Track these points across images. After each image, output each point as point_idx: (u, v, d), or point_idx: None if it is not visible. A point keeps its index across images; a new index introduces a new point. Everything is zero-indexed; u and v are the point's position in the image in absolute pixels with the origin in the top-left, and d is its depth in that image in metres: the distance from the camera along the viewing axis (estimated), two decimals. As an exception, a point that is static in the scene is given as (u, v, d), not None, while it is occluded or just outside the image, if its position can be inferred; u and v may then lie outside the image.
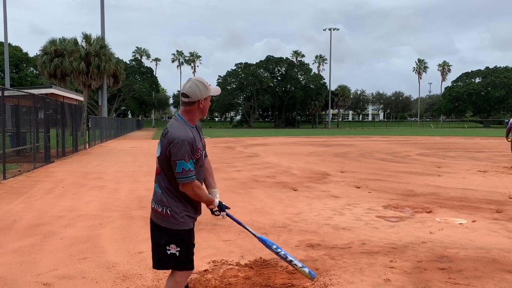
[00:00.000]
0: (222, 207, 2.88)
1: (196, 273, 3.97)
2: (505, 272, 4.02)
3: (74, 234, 5.36)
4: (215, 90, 2.77)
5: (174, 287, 2.81)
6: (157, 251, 2.75)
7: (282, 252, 3.07)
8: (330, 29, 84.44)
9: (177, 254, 2.71)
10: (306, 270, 3.06)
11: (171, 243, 2.70)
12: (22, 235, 5.29)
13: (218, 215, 2.90)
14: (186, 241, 2.75)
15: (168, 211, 2.68)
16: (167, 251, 2.70)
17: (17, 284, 3.74)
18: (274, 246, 3.08)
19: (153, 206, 2.78)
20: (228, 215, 2.96)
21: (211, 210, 2.89)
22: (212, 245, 4.87)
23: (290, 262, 3.07)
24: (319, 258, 4.41)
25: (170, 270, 2.84)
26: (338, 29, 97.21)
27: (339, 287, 3.67)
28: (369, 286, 3.68)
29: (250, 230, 3.13)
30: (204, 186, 2.90)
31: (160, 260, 2.75)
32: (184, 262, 2.76)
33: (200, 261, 4.28)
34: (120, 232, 5.46)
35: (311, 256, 4.47)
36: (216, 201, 2.84)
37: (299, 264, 3.08)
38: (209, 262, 4.26)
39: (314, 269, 4.07)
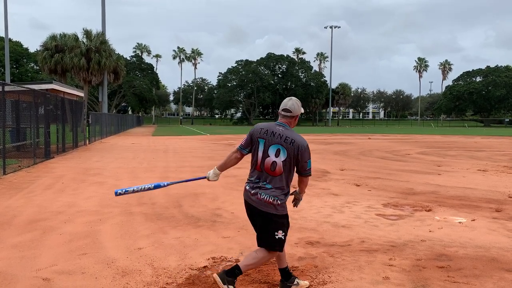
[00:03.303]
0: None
1: (196, 269, 3.98)
2: (504, 271, 4.02)
3: (73, 229, 5.36)
4: (302, 109, 3.50)
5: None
6: None
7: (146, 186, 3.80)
8: (331, 27, 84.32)
9: None
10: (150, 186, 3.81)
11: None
12: (22, 230, 5.29)
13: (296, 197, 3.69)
14: None
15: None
16: None
17: (17, 279, 3.74)
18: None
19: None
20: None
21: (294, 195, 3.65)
22: (211, 241, 4.88)
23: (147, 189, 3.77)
24: (318, 256, 4.41)
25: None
26: (339, 27, 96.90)
27: (338, 285, 3.67)
28: (368, 284, 3.69)
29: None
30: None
31: None
32: None
33: (200, 257, 4.29)
34: (119, 228, 5.46)
35: (310, 254, 4.47)
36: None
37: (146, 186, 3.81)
38: (209, 259, 4.27)
39: (314, 267, 4.08)
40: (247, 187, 3.44)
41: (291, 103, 3.39)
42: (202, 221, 5.79)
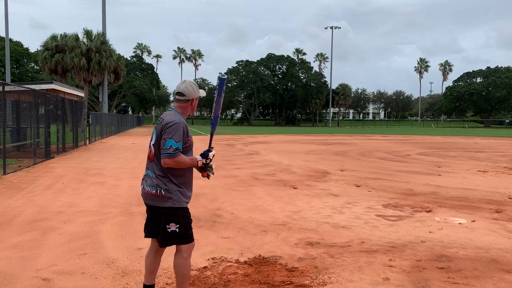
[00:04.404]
0: (205, 155, 3.15)
1: (195, 270, 3.98)
2: (504, 272, 4.02)
3: (73, 229, 5.36)
4: (202, 92, 3.18)
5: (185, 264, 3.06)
6: None
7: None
8: (332, 28, 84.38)
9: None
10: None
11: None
12: (22, 230, 5.30)
13: (209, 165, 3.18)
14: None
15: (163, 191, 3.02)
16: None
17: (17, 279, 3.74)
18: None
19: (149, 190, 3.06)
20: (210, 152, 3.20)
21: (205, 167, 3.15)
22: (211, 242, 4.88)
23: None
24: (318, 256, 4.41)
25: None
26: (340, 28, 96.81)
27: (338, 285, 3.67)
28: (368, 285, 3.69)
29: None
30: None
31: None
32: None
33: (199, 258, 4.29)
34: (119, 228, 5.46)
35: (310, 254, 4.47)
36: (198, 156, 3.11)
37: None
38: (208, 259, 4.27)
39: (314, 267, 4.08)
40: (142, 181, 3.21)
41: (184, 85, 3.07)
42: (202, 222, 5.79)
